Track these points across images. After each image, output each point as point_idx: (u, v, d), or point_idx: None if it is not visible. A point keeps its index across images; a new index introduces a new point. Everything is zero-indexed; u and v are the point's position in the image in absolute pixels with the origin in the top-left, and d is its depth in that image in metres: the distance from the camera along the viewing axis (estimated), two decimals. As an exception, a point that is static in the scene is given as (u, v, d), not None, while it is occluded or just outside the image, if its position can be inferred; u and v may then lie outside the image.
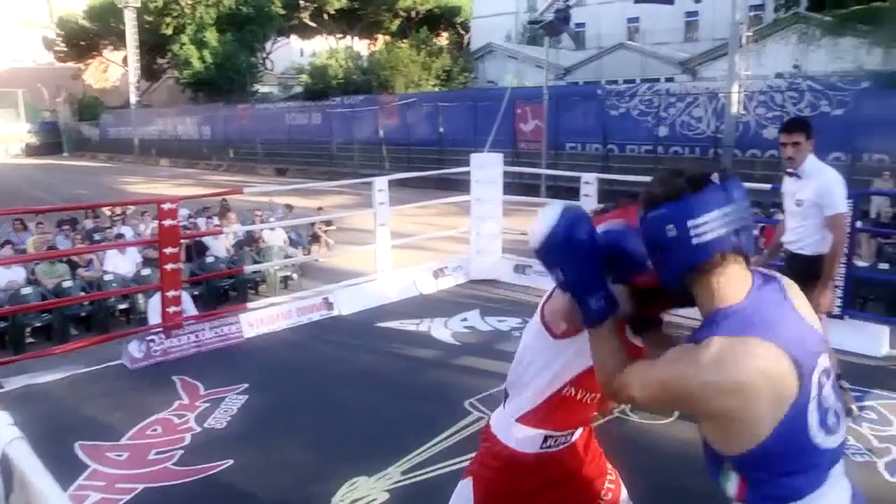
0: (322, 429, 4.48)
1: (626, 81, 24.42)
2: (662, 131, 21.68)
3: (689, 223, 1.50)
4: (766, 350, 1.45)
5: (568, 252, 1.71)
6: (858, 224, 6.99)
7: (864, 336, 5.67)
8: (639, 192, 1.65)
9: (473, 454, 3.85)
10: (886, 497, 3.56)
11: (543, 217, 1.74)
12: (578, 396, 2.05)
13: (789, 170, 4.36)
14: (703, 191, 1.51)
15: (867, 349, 5.55)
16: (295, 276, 10.38)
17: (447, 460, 3.93)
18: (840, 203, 4.19)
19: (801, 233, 4.34)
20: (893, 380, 5.08)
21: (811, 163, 4.26)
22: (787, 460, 1.50)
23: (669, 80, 24.33)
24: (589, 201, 7.55)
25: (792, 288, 1.63)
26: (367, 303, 7.10)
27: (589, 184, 7.58)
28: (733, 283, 1.54)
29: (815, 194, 4.20)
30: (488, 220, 8.14)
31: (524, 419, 2.11)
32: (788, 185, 4.42)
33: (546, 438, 2.12)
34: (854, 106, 17.93)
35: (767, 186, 6.43)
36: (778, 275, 1.65)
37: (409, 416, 4.57)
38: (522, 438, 2.12)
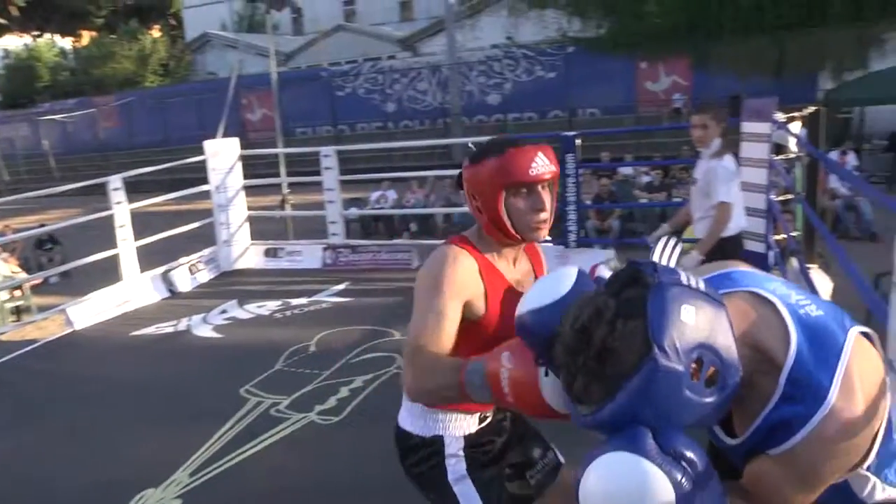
0: (94, 453, 4.04)
1: (348, 62, 24.65)
2: (390, 107, 22.27)
3: (692, 383, 1.08)
4: None
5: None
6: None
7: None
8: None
9: (261, 438, 3.86)
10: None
11: (540, 284, 1.47)
12: None
13: (697, 149, 4.41)
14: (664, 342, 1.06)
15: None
16: (29, 303, 9.29)
17: (236, 450, 3.79)
18: (722, 192, 4.16)
19: (696, 215, 4.43)
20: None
21: (715, 146, 4.22)
22: None
23: (391, 58, 24.90)
24: (331, 174, 7.58)
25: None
26: (115, 312, 6.60)
27: (328, 156, 7.61)
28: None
29: (702, 178, 4.27)
30: (231, 208, 7.88)
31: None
32: (696, 165, 4.48)
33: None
34: (565, 69, 19.90)
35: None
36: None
37: (186, 417, 4.31)
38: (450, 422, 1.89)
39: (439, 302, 1.66)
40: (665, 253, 1.77)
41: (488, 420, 1.94)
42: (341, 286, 6.98)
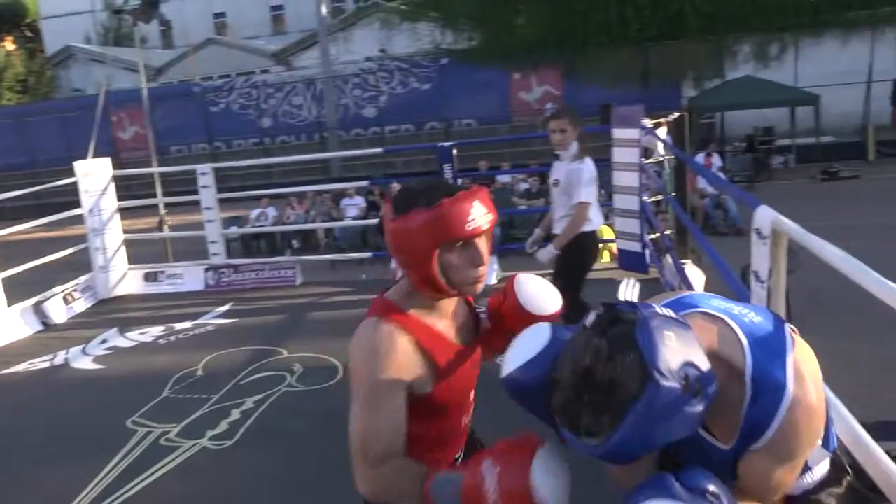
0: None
1: (221, 77, 24.15)
2: (266, 122, 22.00)
3: (686, 397, 1.21)
4: None
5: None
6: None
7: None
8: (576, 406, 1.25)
9: (152, 469, 3.78)
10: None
11: (518, 345, 1.49)
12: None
13: (556, 152, 4.58)
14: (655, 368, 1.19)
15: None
16: None
17: (126, 485, 3.68)
18: (584, 193, 4.35)
19: (557, 213, 4.58)
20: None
21: (574, 149, 4.40)
22: None
23: (265, 72, 24.59)
24: (208, 192, 7.47)
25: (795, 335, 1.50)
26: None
27: (205, 174, 7.49)
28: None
29: (564, 179, 4.44)
30: (107, 232, 7.61)
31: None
32: (553, 167, 4.65)
33: None
34: (440, 81, 20.26)
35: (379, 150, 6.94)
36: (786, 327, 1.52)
37: (70, 456, 4.15)
38: None
39: (381, 396, 1.52)
40: (627, 291, 1.90)
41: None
42: (226, 307, 6.88)
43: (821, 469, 1.51)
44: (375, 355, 1.53)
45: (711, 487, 1.25)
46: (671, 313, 1.29)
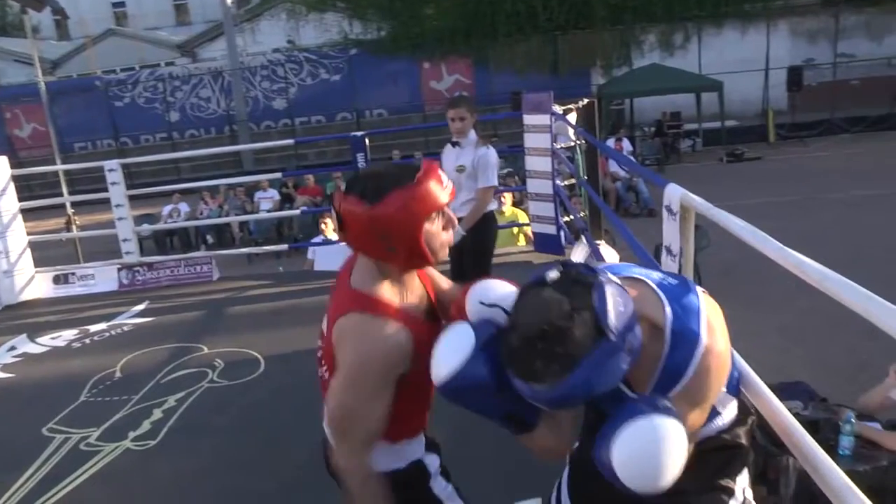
0: None
1: (123, 70, 23.36)
2: (174, 116, 21.47)
3: (623, 354, 1.37)
4: None
5: (480, 394, 1.52)
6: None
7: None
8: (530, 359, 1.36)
9: (73, 476, 3.68)
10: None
11: (446, 351, 1.53)
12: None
13: (454, 140, 4.72)
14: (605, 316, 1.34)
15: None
16: None
17: (45, 494, 3.56)
18: (490, 177, 4.58)
19: (462, 197, 4.68)
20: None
21: (473, 136, 4.64)
22: None
23: (170, 64, 23.92)
24: (118, 189, 7.26)
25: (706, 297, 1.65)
26: None
27: (114, 170, 7.26)
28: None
29: (471, 165, 4.58)
30: (9, 235, 7.30)
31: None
32: (449, 154, 4.77)
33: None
34: (349, 71, 20.12)
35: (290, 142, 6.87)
36: (691, 285, 1.67)
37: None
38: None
39: (376, 390, 1.59)
40: (578, 253, 1.98)
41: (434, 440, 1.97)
42: (141, 306, 6.71)
43: (729, 412, 1.69)
44: (374, 351, 1.57)
45: (669, 404, 1.42)
46: (615, 278, 1.44)
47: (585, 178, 6.57)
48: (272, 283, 7.16)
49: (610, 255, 6.03)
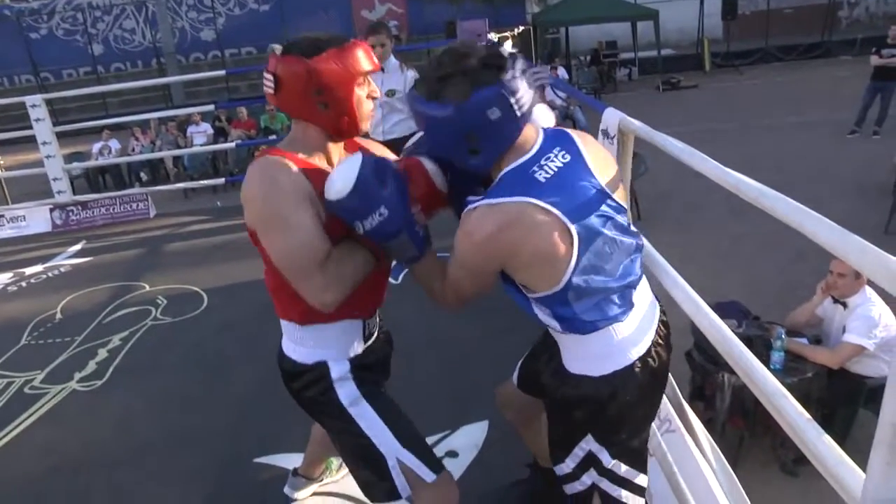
0: None
1: (38, -1, 22.23)
2: (98, 49, 20.59)
3: (512, 100, 1.46)
4: (526, 208, 1.47)
5: (384, 190, 1.54)
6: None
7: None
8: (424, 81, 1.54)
9: (19, 420, 3.63)
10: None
11: (344, 166, 1.54)
12: None
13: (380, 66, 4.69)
14: (513, 67, 1.47)
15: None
16: None
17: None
18: None
19: (396, 118, 4.74)
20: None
21: (394, 60, 4.71)
22: (589, 296, 1.56)
23: (89, -8, 22.83)
24: (43, 125, 6.99)
25: (584, 138, 1.66)
26: None
27: (36, 106, 6.97)
28: (518, 148, 1.55)
29: (403, 87, 4.63)
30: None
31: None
32: (375, 80, 4.70)
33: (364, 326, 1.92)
34: (278, 0, 19.53)
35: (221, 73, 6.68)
36: (568, 130, 1.67)
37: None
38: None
39: (286, 216, 1.57)
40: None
41: (374, 337, 1.97)
42: (78, 246, 6.56)
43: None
44: (266, 183, 1.59)
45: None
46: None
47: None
48: (210, 218, 7.07)
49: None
